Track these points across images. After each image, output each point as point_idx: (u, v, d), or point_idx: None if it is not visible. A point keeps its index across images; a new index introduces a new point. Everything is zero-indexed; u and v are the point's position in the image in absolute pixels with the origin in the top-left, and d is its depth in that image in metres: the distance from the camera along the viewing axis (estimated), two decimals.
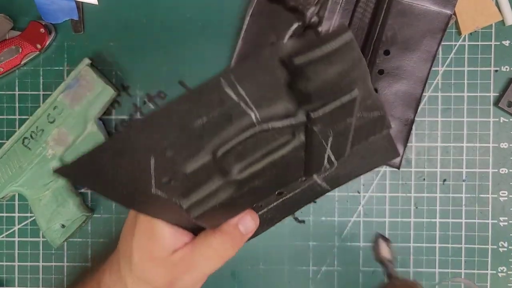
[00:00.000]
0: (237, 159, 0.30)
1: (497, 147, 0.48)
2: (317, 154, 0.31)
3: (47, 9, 0.48)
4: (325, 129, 0.29)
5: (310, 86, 0.26)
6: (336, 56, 0.24)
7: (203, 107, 0.25)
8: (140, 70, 0.49)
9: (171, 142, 0.26)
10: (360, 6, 0.45)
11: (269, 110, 0.28)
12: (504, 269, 0.48)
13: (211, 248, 0.34)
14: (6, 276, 0.50)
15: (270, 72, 0.25)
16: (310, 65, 0.24)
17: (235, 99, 0.26)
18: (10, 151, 0.47)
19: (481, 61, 0.48)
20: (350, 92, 0.27)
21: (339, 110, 0.28)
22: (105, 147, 0.25)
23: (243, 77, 0.25)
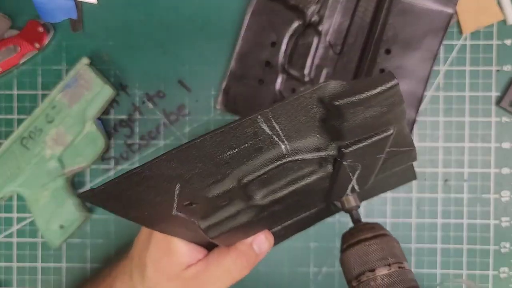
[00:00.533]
0: (261, 186, 0.29)
1: (499, 147, 0.48)
2: (342, 184, 0.31)
3: (45, 8, 0.48)
4: (355, 163, 0.29)
5: (345, 125, 0.25)
6: (378, 100, 0.24)
7: (235, 140, 0.25)
8: (139, 69, 0.49)
9: (200, 171, 0.26)
10: (361, 5, 0.45)
11: (300, 143, 0.27)
12: (506, 270, 0.48)
13: (225, 267, 0.34)
14: (4, 277, 0.50)
15: (307, 110, 0.25)
16: (350, 107, 0.24)
17: (269, 133, 0.25)
18: (8, 151, 0.47)
19: (482, 61, 0.47)
20: (384, 132, 0.27)
21: (371, 147, 0.27)
22: (134, 174, 0.25)
23: (280, 114, 0.24)
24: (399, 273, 0.29)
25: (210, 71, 0.48)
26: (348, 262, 0.31)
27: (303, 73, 0.46)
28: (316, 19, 0.46)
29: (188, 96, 0.49)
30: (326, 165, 0.29)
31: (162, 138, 0.49)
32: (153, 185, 0.26)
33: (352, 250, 0.31)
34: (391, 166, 0.33)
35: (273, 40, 0.46)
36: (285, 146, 0.27)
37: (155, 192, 0.27)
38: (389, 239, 0.30)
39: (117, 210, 0.28)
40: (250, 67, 0.46)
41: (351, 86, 0.23)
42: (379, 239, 0.30)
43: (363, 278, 0.29)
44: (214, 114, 0.49)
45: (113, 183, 0.25)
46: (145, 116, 0.49)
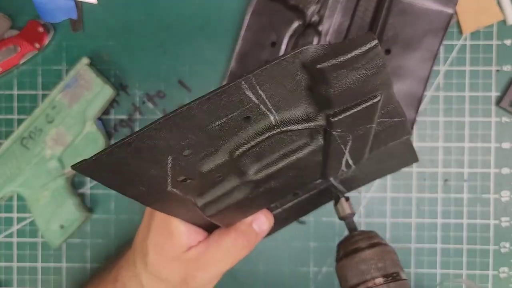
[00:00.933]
0: (254, 160, 0.29)
1: (499, 147, 0.48)
2: (335, 158, 0.31)
3: (45, 8, 0.48)
4: (345, 133, 0.28)
5: (331, 91, 0.25)
6: (360, 62, 0.24)
7: (223, 108, 0.25)
8: (139, 69, 0.49)
9: (189, 142, 0.26)
10: (361, 5, 0.45)
11: (289, 113, 0.27)
12: (506, 269, 0.48)
13: (225, 247, 0.34)
14: (4, 277, 0.50)
15: (291, 76, 0.25)
16: (333, 71, 0.24)
17: (255, 101, 0.25)
18: (8, 151, 0.47)
19: (482, 61, 0.47)
20: (372, 98, 0.27)
21: (360, 115, 0.27)
22: (126, 144, 0.25)
23: (264, 80, 0.24)
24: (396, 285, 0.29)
25: (210, 71, 0.48)
26: (344, 272, 0.30)
27: None
28: (316, 19, 0.46)
29: (188, 96, 0.49)
30: (317, 137, 0.29)
31: None
32: (146, 157, 0.26)
33: (348, 260, 0.30)
34: (385, 139, 0.32)
35: (273, 40, 0.46)
36: (274, 117, 0.27)
37: (148, 164, 0.27)
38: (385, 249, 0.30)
39: (113, 184, 0.28)
40: (250, 67, 0.46)
41: (331, 48, 0.23)
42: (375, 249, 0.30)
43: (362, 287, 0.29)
44: None
45: (105, 153, 0.25)
46: (145, 116, 0.49)
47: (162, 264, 0.35)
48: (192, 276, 0.35)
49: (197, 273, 0.35)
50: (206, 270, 0.35)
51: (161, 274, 0.35)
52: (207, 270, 0.35)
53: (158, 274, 0.36)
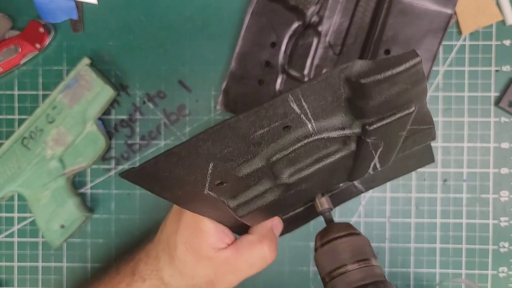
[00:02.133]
0: (288, 164, 0.31)
1: (498, 147, 0.48)
2: (365, 162, 0.32)
3: (46, 8, 0.48)
4: (378, 141, 0.29)
5: (370, 104, 0.26)
6: (401, 78, 0.24)
7: (266, 120, 0.26)
8: (140, 69, 0.49)
9: (232, 150, 0.28)
10: (360, 5, 0.45)
11: (326, 122, 0.28)
12: (505, 269, 0.48)
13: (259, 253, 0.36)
14: (5, 277, 0.50)
15: (335, 90, 0.26)
16: (376, 85, 0.25)
17: (298, 112, 0.26)
18: (9, 151, 0.47)
19: (481, 61, 0.48)
20: (407, 108, 0.28)
21: (394, 124, 0.28)
22: (172, 154, 0.26)
23: (309, 94, 0.26)
24: (368, 269, 0.31)
25: (210, 72, 0.48)
26: (322, 259, 0.32)
27: (303, 73, 0.46)
28: (316, 19, 0.46)
29: (188, 97, 0.49)
30: (350, 143, 0.30)
31: (162, 138, 0.49)
32: (188, 165, 0.27)
33: (325, 248, 0.32)
34: (412, 144, 0.33)
35: (273, 41, 0.46)
36: (312, 125, 0.28)
37: (189, 171, 0.28)
38: (359, 238, 0.32)
39: (153, 189, 0.29)
40: (250, 67, 0.47)
41: (376, 64, 0.24)
42: (349, 238, 0.32)
43: (335, 273, 0.31)
44: (214, 114, 0.49)
45: (151, 163, 0.26)
46: (146, 116, 0.49)
47: (190, 261, 0.35)
48: (221, 279, 0.35)
49: (227, 276, 0.35)
50: (237, 274, 0.36)
51: (187, 272, 0.36)
52: (238, 274, 0.36)
53: (184, 271, 0.36)
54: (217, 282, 0.36)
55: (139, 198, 0.49)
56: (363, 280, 0.31)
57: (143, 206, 0.49)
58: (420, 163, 0.39)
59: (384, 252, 0.48)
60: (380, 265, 0.32)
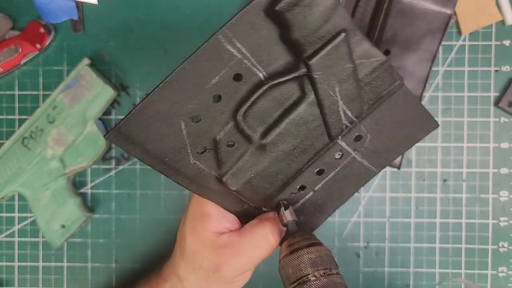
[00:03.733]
0: (257, 121, 0.32)
1: (498, 147, 0.48)
2: (331, 109, 0.33)
3: (46, 8, 0.48)
4: (327, 76, 0.31)
5: (298, 33, 0.29)
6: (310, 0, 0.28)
7: (212, 67, 0.28)
8: (140, 69, 0.49)
9: (194, 105, 0.29)
10: (360, 6, 0.45)
11: (273, 66, 0.31)
12: (505, 269, 0.48)
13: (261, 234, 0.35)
14: (5, 277, 0.50)
15: (261, 26, 0.28)
16: (290, 11, 0.28)
17: (237, 55, 0.28)
18: (9, 151, 0.47)
19: (481, 61, 0.48)
20: (337, 36, 0.30)
21: (334, 53, 0.30)
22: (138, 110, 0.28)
23: (238, 33, 0.28)
24: (329, 278, 0.32)
25: None
26: (285, 269, 0.33)
27: None
28: None
29: None
30: (308, 91, 0.32)
31: None
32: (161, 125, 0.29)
33: (287, 259, 0.33)
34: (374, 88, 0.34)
35: None
36: (262, 73, 0.30)
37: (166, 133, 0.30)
38: (320, 248, 0.34)
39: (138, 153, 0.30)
40: None
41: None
42: (311, 248, 0.33)
43: (298, 283, 0.32)
44: None
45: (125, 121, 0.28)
46: None
47: (197, 247, 0.36)
48: (226, 263, 0.35)
49: (231, 259, 0.35)
50: (241, 257, 0.35)
51: (196, 260, 0.36)
52: (243, 257, 0.35)
53: (193, 260, 0.36)
54: (222, 266, 0.35)
55: (140, 198, 0.49)
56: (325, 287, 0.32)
57: (143, 206, 0.49)
58: (423, 130, 0.38)
59: (384, 252, 0.48)
60: (341, 275, 0.34)
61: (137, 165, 0.49)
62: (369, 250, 0.49)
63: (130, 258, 0.50)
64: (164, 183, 0.49)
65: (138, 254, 0.49)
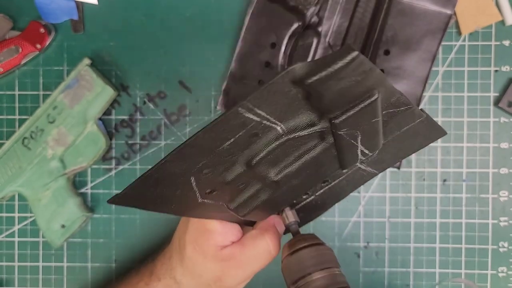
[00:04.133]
0: (270, 165, 0.32)
1: (497, 147, 0.48)
2: (349, 151, 0.33)
3: (47, 8, 0.48)
4: (351, 131, 0.30)
5: (325, 100, 0.27)
6: (345, 72, 0.25)
7: (227, 132, 0.28)
8: (140, 70, 0.49)
9: (205, 163, 0.29)
10: (360, 6, 0.45)
11: (294, 121, 0.30)
12: (505, 269, 0.48)
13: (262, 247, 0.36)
14: (6, 276, 0.50)
15: (285, 94, 0.27)
16: (321, 84, 0.25)
17: (257, 120, 0.28)
18: (10, 151, 0.47)
19: (481, 61, 0.48)
20: (369, 97, 0.28)
21: (361, 114, 0.29)
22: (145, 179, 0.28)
23: (259, 102, 0.26)
24: (332, 277, 0.32)
25: (210, 72, 0.49)
26: (287, 269, 0.34)
27: None
28: (316, 20, 0.46)
29: (188, 97, 0.49)
30: (327, 137, 0.32)
31: (163, 138, 0.49)
32: (169, 183, 0.29)
33: (290, 258, 0.34)
34: (397, 126, 0.34)
35: (273, 41, 0.46)
36: (281, 127, 0.29)
37: (173, 188, 0.29)
38: (322, 248, 0.34)
39: (146, 207, 0.31)
40: (250, 68, 0.47)
41: (315, 64, 0.25)
42: (313, 248, 0.34)
43: (300, 282, 0.33)
44: (215, 114, 0.49)
45: (130, 188, 0.28)
46: (146, 116, 0.49)
47: (198, 260, 0.37)
48: (229, 274, 0.36)
49: (234, 271, 0.36)
50: (243, 268, 0.36)
51: (197, 270, 0.37)
52: (244, 268, 0.37)
53: (193, 270, 0.37)
54: (225, 278, 0.36)
55: None
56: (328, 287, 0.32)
57: None
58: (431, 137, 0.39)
59: (384, 252, 0.49)
60: (343, 274, 0.34)
61: (137, 165, 0.49)
62: (369, 250, 0.49)
63: (130, 258, 0.50)
64: None
65: (138, 254, 0.49)
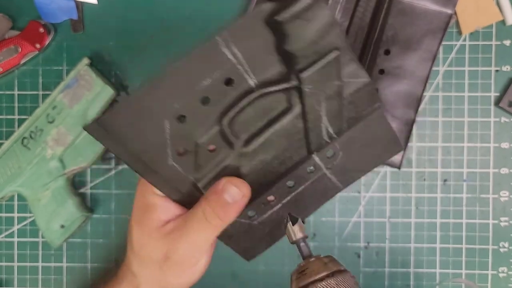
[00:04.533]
0: (241, 129, 0.32)
1: (498, 147, 0.48)
2: (315, 123, 0.33)
3: (46, 8, 0.48)
4: (316, 91, 0.32)
5: (294, 45, 0.29)
6: (310, 13, 0.28)
7: (205, 68, 0.29)
8: (140, 69, 0.49)
9: (182, 105, 0.29)
10: (360, 6, 0.45)
11: (265, 74, 0.31)
12: (505, 269, 0.48)
13: (199, 217, 0.33)
14: (5, 277, 0.50)
15: (259, 33, 0.29)
16: (290, 22, 0.28)
17: (232, 60, 0.29)
18: (9, 151, 0.47)
19: (481, 61, 0.48)
20: (331, 53, 0.31)
21: (325, 69, 0.31)
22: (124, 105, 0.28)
23: (236, 37, 0.28)
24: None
25: None
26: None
27: None
28: None
29: None
30: (295, 103, 0.32)
31: None
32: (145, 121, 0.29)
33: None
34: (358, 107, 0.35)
35: None
36: (253, 80, 0.31)
37: (148, 129, 0.30)
38: (345, 277, 0.27)
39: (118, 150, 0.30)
40: None
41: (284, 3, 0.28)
42: (334, 279, 0.27)
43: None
44: None
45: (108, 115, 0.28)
46: None
47: (144, 239, 0.35)
48: (173, 249, 0.34)
49: (177, 245, 0.34)
50: (186, 241, 0.34)
51: (145, 253, 0.35)
52: (187, 241, 0.34)
53: (142, 254, 0.35)
54: (171, 254, 0.34)
55: None
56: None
57: None
58: (389, 152, 0.39)
59: (384, 252, 0.48)
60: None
61: None
62: (370, 250, 0.49)
63: None
64: None
65: None
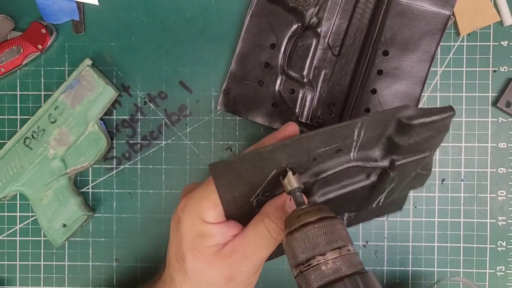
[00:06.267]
0: (322, 186, 0.34)
1: (496, 147, 0.48)
2: (376, 196, 0.37)
3: (48, 9, 0.48)
4: (396, 175, 0.34)
5: (407, 143, 0.32)
6: (436, 125, 0.31)
7: (332, 140, 0.30)
8: (141, 70, 0.49)
9: (295, 162, 0.31)
10: (359, 7, 0.46)
11: (365, 153, 0.33)
12: (503, 268, 0.48)
13: (262, 234, 0.33)
14: (7, 275, 0.50)
15: (386, 126, 0.31)
16: (419, 127, 0.31)
17: (354, 138, 0.31)
18: (11, 151, 0.47)
19: (479, 62, 0.48)
20: (424, 152, 0.34)
21: (413, 163, 0.34)
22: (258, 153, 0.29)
23: (371, 124, 0.30)
24: (348, 257, 0.28)
25: (210, 72, 0.49)
26: (295, 246, 0.28)
27: (302, 74, 0.47)
28: (315, 21, 0.46)
29: (189, 97, 0.49)
30: (372, 176, 0.35)
31: (163, 138, 0.49)
32: (261, 167, 0.30)
33: (298, 234, 0.28)
34: (410, 185, 0.38)
35: (272, 42, 0.47)
36: (353, 154, 0.33)
37: (258, 174, 0.31)
38: (335, 221, 0.29)
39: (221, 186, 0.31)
40: (250, 68, 0.47)
41: (422, 111, 0.31)
42: (326, 222, 0.28)
43: (313, 262, 0.28)
44: (215, 114, 0.49)
45: (239, 159, 0.29)
46: (147, 116, 0.49)
47: (202, 266, 0.34)
48: (237, 270, 0.33)
49: (241, 264, 0.33)
50: (250, 259, 0.33)
51: (203, 279, 0.34)
52: (251, 259, 0.33)
53: (200, 280, 0.34)
54: (234, 275, 0.34)
55: (140, 197, 0.50)
56: (338, 271, 0.27)
57: (144, 205, 0.50)
58: (392, 209, 0.44)
59: (383, 251, 0.49)
60: (357, 251, 0.30)
61: (138, 165, 0.49)
62: (368, 249, 0.49)
63: (131, 257, 0.50)
64: (165, 183, 0.49)
65: (139, 253, 0.50)
